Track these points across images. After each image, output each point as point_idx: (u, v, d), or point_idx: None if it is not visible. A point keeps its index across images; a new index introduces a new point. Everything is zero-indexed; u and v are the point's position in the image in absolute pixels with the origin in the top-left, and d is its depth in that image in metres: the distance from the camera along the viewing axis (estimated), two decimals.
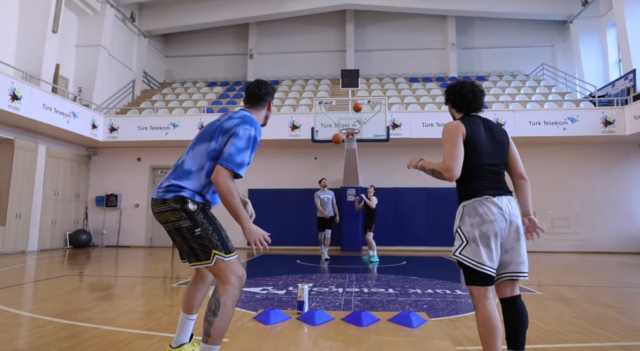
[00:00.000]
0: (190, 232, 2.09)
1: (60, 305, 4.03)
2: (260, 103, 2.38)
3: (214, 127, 2.21)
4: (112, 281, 5.82)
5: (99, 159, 12.75)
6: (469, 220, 2.09)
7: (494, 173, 2.16)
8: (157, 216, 2.17)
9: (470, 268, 2.05)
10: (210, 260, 2.07)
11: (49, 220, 10.91)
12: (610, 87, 12.64)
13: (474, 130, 2.18)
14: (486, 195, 2.09)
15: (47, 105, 9.43)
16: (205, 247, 2.08)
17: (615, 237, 11.21)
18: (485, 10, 14.97)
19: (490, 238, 2.03)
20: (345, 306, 4.06)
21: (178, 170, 2.18)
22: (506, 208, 2.08)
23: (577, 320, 3.56)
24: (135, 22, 14.82)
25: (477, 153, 2.15)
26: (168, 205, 2.10)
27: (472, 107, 2.29)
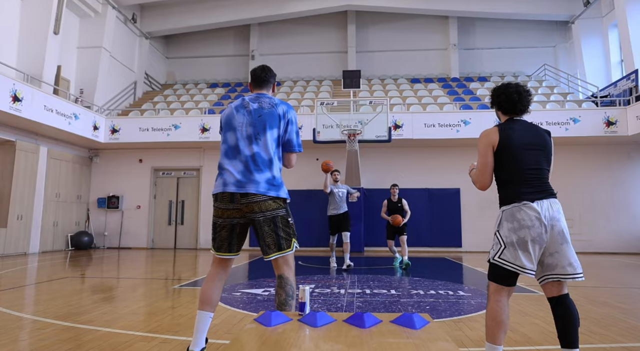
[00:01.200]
0: (284, 220, 2.34)
1: (61, 307, 4.02)
2: (268, 85, 2.61)
3: (266, 114, 2.42)
4: (114, 283, 5.81)
5: (100, 161, 12.77)
6: (507, 224, 2.14)
7: (534, 177, 2.18)
8: (252, 205, 2.30)
9: (503, 268, 2.12)
10: (292, 247, 2.33)
11: (51, 222, 10.93)
12: (612, 88, 12.60)
13: (510, 136, 2.20)
14: (525, 201, 2.12)
15: (48, 107, 9.45)
16: (290, 236, 2.34)
17: (618, 238, 11.16)
18: (486, 11, 14.95)
19: (527, 243, 2.09)
20: (348, 308, 4.04)
21: (259, 160, 2.35)
22: (545, 213, 2.10)
23: (581, 321, 3.52)
24: (136, 23, 14.85)
25: (514, 159, 2.18)
26: (271, 196, 2.32)
27: (517, 108, 2.31)
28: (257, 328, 1.64)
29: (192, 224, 12.50)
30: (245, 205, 2.32)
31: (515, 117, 2.33)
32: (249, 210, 2.33)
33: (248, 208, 2.32)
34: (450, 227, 11.62)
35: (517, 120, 2.31)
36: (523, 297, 4.65)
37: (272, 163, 2.38)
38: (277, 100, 2.51)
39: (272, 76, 2.62)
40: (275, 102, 2.49)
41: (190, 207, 12.59)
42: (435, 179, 11.77)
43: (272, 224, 2.31)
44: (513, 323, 3.43)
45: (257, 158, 2.36)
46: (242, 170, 2.35)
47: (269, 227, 2.31)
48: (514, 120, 2.31)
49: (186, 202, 12.63)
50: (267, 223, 2.31)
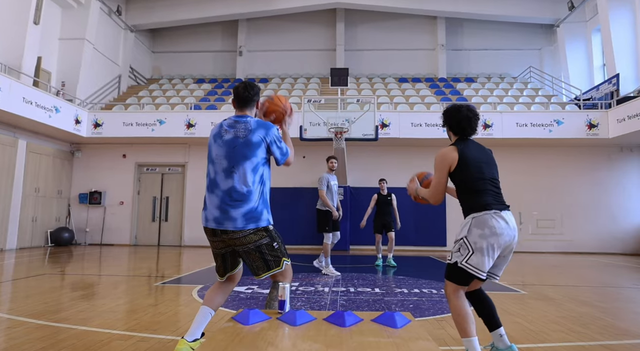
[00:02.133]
0: (269, 247, 2.38)
1: (37, 305, 3.90)
2: (251, 104, 2.56)
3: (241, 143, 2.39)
4: (94, 280, 5.68)
5: (82, 155, 12.49)
6: (478, 231, 2.23)
7: (496, 188, 2.36)
8: (234, 240, 2.36)
9: (468, 273, 2.24)
10: (281, 266, 2.39)
11: (29, 217, 10.64)
12: (594, 91, 12.84)
13: (468, 152, 2.38)
14: (495, 210, 2.26)
15: (27, 99, 9.18)
16: (278, 257, 2.39)
17: (597, 238, 11.39)
18: (474, 12, 15.07)
19: (494, 250, 2.23)
20: (331, 306, 4.01)
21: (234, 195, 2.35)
22: (511, 223, 2.28)
23: (561, 320, 3.56)
24: (121, 16, 14.55)
25: (476, 170, 2.34)
26: (251, 229, 2.33)
27: (467, 131, 2.48)
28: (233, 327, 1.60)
29: (176, 221, 12.33)
30: (228, 239, 2.39)
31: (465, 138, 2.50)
32: (232, 244, 2.40)
33: (231, 241, 2.39)
34: (435, 226, 11.70)
35: (467, 139, 2.49)
36: (505, 296, 4.69)
37: (251, 194, 2.37)
38: (254, 125, 2.44)
39: (255, 94, 2.57)
40: (251, 128, 2.42)
41: (174, 203, 12.41)
42: None
43: (257, 253, 2.37)
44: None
45: (233, 194, 2.36)
46: (218, 205, 2.38)
47: (255, 255, 2.38)
48: (465, 139, 2.49)
49: (171, 198, 12.45)
50: (253, 252, 2.38)
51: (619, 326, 3.40)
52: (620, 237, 11.34)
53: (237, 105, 2.56)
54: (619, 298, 4.77)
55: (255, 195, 2.37)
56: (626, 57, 11.76)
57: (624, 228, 11.39)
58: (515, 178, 11.61)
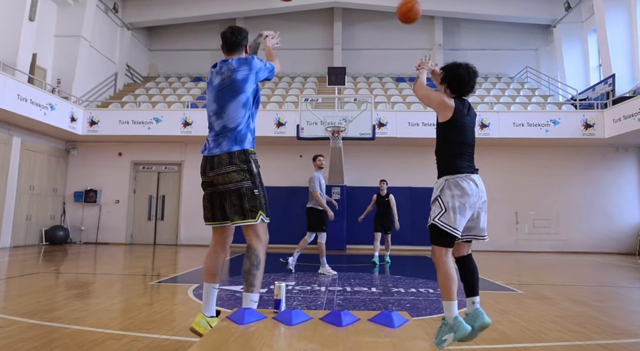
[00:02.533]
0: (249, 192, 2.37)
1: (30, 304, 3.85)
2: (239, 48, 2.59)
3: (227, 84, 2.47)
4: (88, 279, 5.63)
5: (78, 153, 12.40)
6: (449, 192, 2.37)
7: (471, 153, 2.49)
8: (218, 178, 2.39)
9: (444, 231, 2.35)
10: (257, 219, 2.36)
11: (24, 216, 10.55)
12: (590, 91, 12.88)
13: (463, 113, 2.45)
14: (466, 173, 2.40)
15: (22, 96, 9.10)
16: (256, 207, 2.36)
17: (593, 238, 11.43)
18: (471, 12, 15.08)
19: (466, 209, 2.35)
20: (327, 306, 3.99)
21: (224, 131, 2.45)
22: (480, 185, 2.43)
23: (557, 319, 3.56)
24: (118, 13, 14.46)
25: (462, 133, 2.44)
26: (235, 165, 2.36)
27: (466, 88, 2.51)
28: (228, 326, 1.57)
29: (172, 220, 12.27)
30: (213, 177, 2.42)
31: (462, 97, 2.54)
32: (216, 182, 2.42)
33: (215, 180, 2.41)
34: None
35: (464, 100, 2.52)
36: (502, 295, 4.68)
37: (240, 125, 2.46)
38: (235, 64, 2.49)
39: (243, 38, 2.59)
40: (233, 68, 2.48)
41: (170, 202, 12.35)
42: (418, 178, 11.81)
43: (236, 195, 2.36)
44: (493, 322, 3.43)
45: (224, 130, 2.47)
46: (213, 138, 2.51)
47: (234, 197, 2.37)
48: (462, 99, 2.51)
49: (167, 197, 12.39)
50: (233, 194, 2.37)
51: (615, 326, 3.40)
52: (616, 237, 11.39)
53: (225, 50, 2.59)
54: (615, 297, 4.78)
55: (242, 126, 2.47)
56: (622, 57, 11.80)
57: (620, 227, 11.44)
58: (512, 178, 11.64)
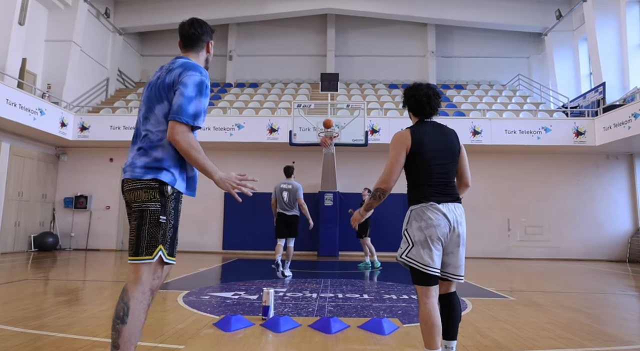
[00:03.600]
0: (153, 217, 1.85)
1: (15, 311, 3.76)
2: (198, 44, 2.11)
3: (157, 86, 1.95)
4: (76, 285, 5.53)
5: (68, 159, 12.26)
6: (416, 224, 2.20)
7: (442, 181, 2.26)
8: (127, 194, 1.93)
9: (416, 269, 2.16)
10: (153, 256, 1.82)
11: (12, 222, 10.38)
12: (581, 99, 13.04)
13: (423, 139, 2.26)
14: (432, 202, 2.20)
15: (11, 101, 8.99)
16: (156, 241, 1.84)
17: (584, 245, 11.49)
18: (464, 20, 15.25)
19: (433, 241, 2.15)
20: (319, 312, 3.94)
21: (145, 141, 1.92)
22: (450, 215, 2.19)
23: (549, 326, 3.55)
24: (110, 18, 14.40)
25: (424, 161, 2.24)
26: (144, 182, 1.87)
27: (426, 111, 2.36)
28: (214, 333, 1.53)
29: None
30: (125, 193, 1.95)
31: (425, 119, 2.40)
32: (127, 200, 1.95)
33: (126, 196, 1.94)
34: None
35: (427, 122, 2.37)
36: (493, 302, 4.67)
37: (160, 142, 1.90)
38: (177, 64, 1.96)
39: (203, 33, 2.10)
40: (172, 67, 1.96)
41: None
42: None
43: (138, 219, 1.86)
44: (483, 328, 3.42)
45: (145, 139, 1.93)
46: (133, 152, 1.99)
47: (134, 222, 1.87)
48: (425, 122, 2.37)
49: None
50: (134, 217, 1.88)
51: (606, 332, 3.39)
52: (607, 244, 11.46)
53: (182, 45, 2.11)
54: (606, 304, 4.79)
55: (164, 146, 1.90)
56: (612, 65, 11.97)
57: (610, 235, 11.52)
58: (504, 185, 11.69)
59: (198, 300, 4.47)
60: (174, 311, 3.96)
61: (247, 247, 11.78)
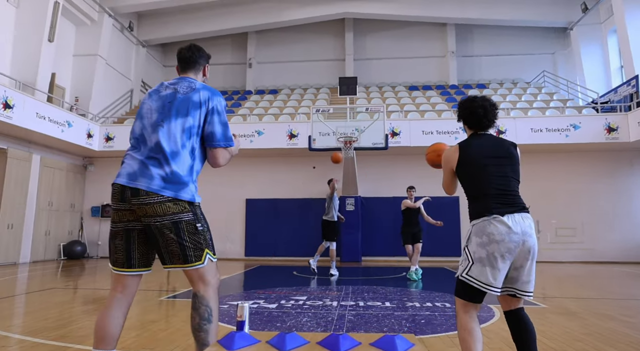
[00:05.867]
0: (190, 227, 1.92)
1: (38, 321, 3.82)
2: (195, 67, 2.22)
3: (179, 100, 2.03)
4: (100, 294, 5.61)
5: (95, 169, 12.62)
6: (476, 239, 2.06)
7: (502, 190, 2.12)
8: (145, 208, 1.88)
9: (470, 286, 2.05)
10: (202, 260, 1.92)
11: (43, 231, 10.73)
12: (612, 94, 12.46)
13: (469, 153, 2.20)
14: (494, 214, 2.04)
15: (40, 114, 9.32)
16: (200, 245, 1.93)
17: (619, 247, 10.92)
18: (484, 18, 14.90)
19: (497, 259, 1.99)
20: (338, 322, 3.84)
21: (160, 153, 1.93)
22: (517, 227, 2.01)
23: (585, 336, 3.32)
24: (133, 31, 14.82)
25: (477, 174, 2.16)
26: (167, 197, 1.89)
27: (482, 123, 2.28)
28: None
29: None
30: (138, 207, 1.89)
31: (480, 132, 2.32)
32: (142, 214, 1.90)
33: (141, 210, 1.89)
34: (449, 236, 11.38)
35: (481, 134, 2.29)
36: None
37: (178, 157, 1.94)
38: (200, 85, 2.10)
39: (200, 57, 2.21)
40: (195, 87, 2.07)
41: None
42: (434, 187, 11.55)
43: (173, 232, 1.88)
44: (509, 339, 3.22)
45: (157, 150, 1.93)
46: (138, 160, 1.95)
47: (170, 235, 1.89)
48: (479, 134, 2.31)
49: None
50: (168, 230, 1.88)
51: None
52: None
53: (180, 68, 2.21)
54: None
55: (182, 160, 1.95)
56: None
57: None
58: (531, 185, 11.24)
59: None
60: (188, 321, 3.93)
61: (270, 253, 11.77)
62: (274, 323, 3.80)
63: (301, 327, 3.62)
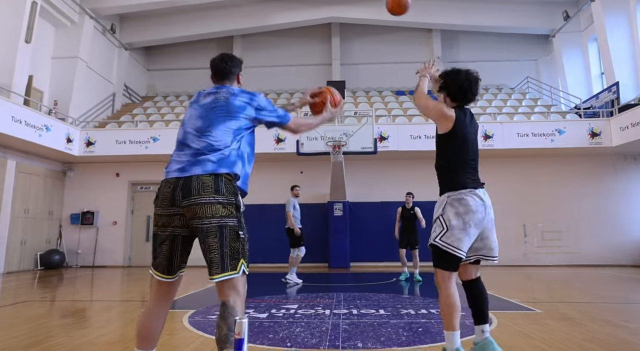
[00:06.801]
0: (233, 233, 1.92)
1: (5, 339, 3.54)
2: (229, 77, 2.27)
3: (221, 105, 2.11)
4: (78, 306, 5.31)
5: (75, 175, 12.18)
6: (452, 209, 2.21)
7: (475, 166, 2.33)
8: (195, 208, 1.91)
9: (447, 252, 2.20)
10: (238, 270, 1.91)
11: (18, 240, 10.26)
12: (594, 100, 12.70)
13: (465, 124, 2.29)
14: (470, 188, 2.24)
15: (16, 118, 8.93)
16: (238, 254, 1.92)
17: (604, 250, 11.04)
18: (469, 24, 15.06)
19: (471, 227, 2.18)
20: (333, 331, 3.67)
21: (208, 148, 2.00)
22: (487, 201, 2.26)
23: (587, 344, 3.22)
24: (115, 34, 14.46)
25: (464, 148, 2.28)
26: (223, 194, 1.92)
27: (467, 96, 2.35)
28: None
29: None
30: (187, 208, 1.92)
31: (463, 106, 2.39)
32: (191, 215, 1.92)
33: (190, 211, 1.92)
34: None
35: (466, 109, 2.37)
36: (520, 316, 4.35)
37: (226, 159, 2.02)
38: (237, 90, 2.19)
39: (234, 66, 2.27)
40: (233, 92, 2.16)
41: None
42: (423, 192, 11.51)
43: (218, 236, 1.89)
44: (515, 347, 3.11)
45: (206, 150, 2.01)
46: (189, 155, 2.03)
47: (214, 239, 1.89)
48: (464, 108, 2.36)
49: None
50: (213, 234, 1.89)
51: None
52: (629, 248, 11.00)
53: (215, 78, 2.28)
54: None
55: (230, 161, 2.03)
56: (625, 64, 11.67)
57: (632, 238, 11.07)
58: (519, 190, 11.33)
59: (204, 321, 4.22)
60: (178, 334, 3.72)
61: (258, 259, 11.51)
62: (266, 334, 3.62)
63: (295, 338, 3.45)
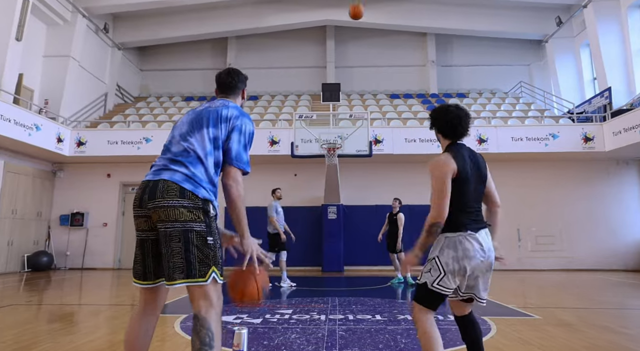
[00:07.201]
0: (200, 239, 1.83)
1: None
2: (235, 91, 2.25)
3: (209, 112, 2.06)
4: (67, 310, 5.16)
5: (65, 175, 11.97)
6: (450, 252, 2.13)
7: (477, 208, 2.24)
8: (159, 212, 1.84)
9: (438, 293, 2.12)
10: (207, 278, 1.81)
11: (5, 241, 10.03)
12: (587, 105, 12.80)
13: (464, 167, 2.17)
14: (469, 231, 2.14)
15: (5, 116, 8.74)
16: (207, 260, 1.83)
17: (598, 254, 11.09)
18: (463, 29, 15.12)
19: (467, 271, 2.10)
20: (329, 338, 3.59)
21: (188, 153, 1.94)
22: (485, 243, 2.15)
23: (587, 350, 3.18)
24: (108, 33, 14.29)
25: (465, 193, 2.17)
26: (189, 198, 1.84)
27: (457, 132, 2.25)
28: None
29: None
30: (153, 211, 1.85)
31: (457, 141, 2.29)
32: (156, 219, 1.85)
33: (155, 215, 1.85)
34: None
35: (461, 145, 2.28)
36: (519, 322, 4.29)
37: (200, 165, 1.93)
38: (232, 104, 2.13)
39: (240, 81, 2.25)
40: (227, 104, 2.12)
41: None
42: (417, 195, 11.48)
43: (181, 241, 1.80)
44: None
45: (183, 154, 1.95)
46: (166, 160, 1.98)
47: (177, 244, 1.79)
48: (459, 145, 2.27)
49: None
50: (176, 238, 1.80)
51: None
52: (622, 253, 11.06)
53: (219, 91, 2.26)
54: None
55: (204, 168, 1.94)
56: (617, 70, 11.77)
57: (625, 243, 11.13)
58: (513, 193, 11.33)
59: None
60: (170, 340, 3.61)
61: None
62: (261, 341, 3.52)
63: (291, 345, 3.36)
